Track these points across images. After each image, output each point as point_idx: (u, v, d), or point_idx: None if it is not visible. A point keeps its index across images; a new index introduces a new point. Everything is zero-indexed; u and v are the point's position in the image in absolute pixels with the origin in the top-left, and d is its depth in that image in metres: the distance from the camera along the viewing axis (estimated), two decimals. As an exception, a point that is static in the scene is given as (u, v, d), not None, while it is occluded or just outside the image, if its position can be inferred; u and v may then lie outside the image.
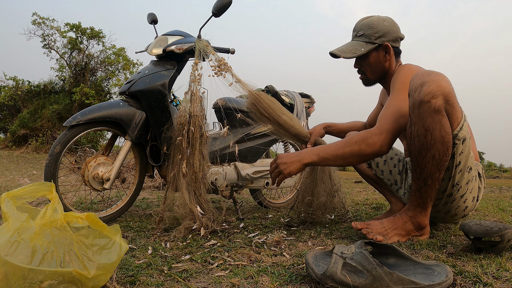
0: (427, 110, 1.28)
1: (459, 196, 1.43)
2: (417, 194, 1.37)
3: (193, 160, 1.69)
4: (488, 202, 2.61)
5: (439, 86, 1.28)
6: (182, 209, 1.63)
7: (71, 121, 1.80)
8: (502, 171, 30.89)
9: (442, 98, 1.27)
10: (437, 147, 1.30)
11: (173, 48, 1.97)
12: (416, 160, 1.35)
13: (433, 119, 1.28)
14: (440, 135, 1.29)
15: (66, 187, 2.94)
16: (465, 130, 1.36)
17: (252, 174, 2.21)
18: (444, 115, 1.29)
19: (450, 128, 1.30)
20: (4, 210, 0.90)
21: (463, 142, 1.35)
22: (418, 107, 1.30)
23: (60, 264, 0.86)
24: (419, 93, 1.30)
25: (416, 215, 1.38)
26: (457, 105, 1.33)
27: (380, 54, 1.63)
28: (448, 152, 1.31)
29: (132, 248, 1.39)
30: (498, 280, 0.98)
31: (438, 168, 1.32)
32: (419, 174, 1.35)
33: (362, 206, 2.48)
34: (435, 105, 1.27)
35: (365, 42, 1.62)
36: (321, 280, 0.97)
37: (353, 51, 1.62)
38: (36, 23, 12.06)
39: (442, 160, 1.31)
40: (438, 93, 1.27)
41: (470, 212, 1.52)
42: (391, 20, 1.64)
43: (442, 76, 1.31)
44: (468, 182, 1.42)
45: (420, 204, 1.37)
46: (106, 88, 12.64)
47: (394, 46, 1.64)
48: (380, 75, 1.69)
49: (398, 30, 1.64)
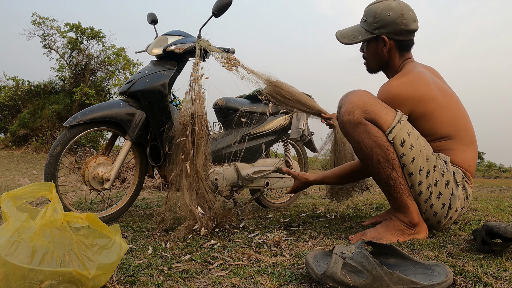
0: (350, 126, 1.40)
1: (423, 201, 1.40)
2: (391, 198, 1.42)
3: (197, 160, 1.69)
4: (488, 202, 2.61)
5: (352, 103, 1.40)
6: (183, 209, 1.63)
7: (71, 121, 1.80)
8: (502, 171, 30.88)
9: (359, 111, 1.38)
10: (376, 151, 1.36)
11: (173, 48, 1.97)
12: (369, 170, 1.44)
13: (358, 131, 1.38)
14: (371, 141, 1.36)
15: (66, 187, 2.94)
16: (399, 132, 1.35)
17: (252, 174, 2.21)
18: (367, 123, 1.37)
19: (379, 131, 1.37)
20: (4, 210, 0.90)
21: (402, 144, 1.35)
22: (343, 128, 1.44)
23: (60, 264, 0.86)
24: (340, 116, 1.45)
25: (403, 215, 1.40)
26: (381, 110, 1.38)
27: (378, 46, 1.56)
28: (389, 151, 1.36)
29: (132, 248, 1.39)
30: (498, 280, 0.98)
31: (391, 167, 1.37)
32: (379, 180, 1.42)
33: (362, 206, 2.48)
34: (353, 119, 1.38)
35: (365, 30, 1.56)
36: (321, 280, 0.97)
37: (351, 37, 1.59)
38: (36, 23, 12.05)
39: (389, 160, 1.36)
40: (353, 109, 1.39)
41: (445, 220, 1.44)
42: (399, 10, 1.49)
43: (356, 93, 1.43)
44: (430, 187, 1.39)
45: (399, 204, 1.39)
46: (106, 88, 12.63)
47: (397, 39, 1.52)
48: (380, 66, 1.64)
49: (405, 22, 1.49)
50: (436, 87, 1.48)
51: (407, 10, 1.51)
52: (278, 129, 2.36)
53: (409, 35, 1.54)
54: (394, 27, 1.50)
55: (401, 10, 1.50)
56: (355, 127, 1.38)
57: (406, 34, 1.52)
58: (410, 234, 1.39)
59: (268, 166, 2.31)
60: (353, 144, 1.42)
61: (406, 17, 1.50)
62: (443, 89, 1.51)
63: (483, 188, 5.21)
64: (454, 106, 1.49)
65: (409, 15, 1.51)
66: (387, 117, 1.37)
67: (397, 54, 1.57)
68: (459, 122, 1.48)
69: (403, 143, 1.35)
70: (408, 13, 1.50)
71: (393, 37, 1.52)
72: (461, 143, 1.47)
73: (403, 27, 1.50)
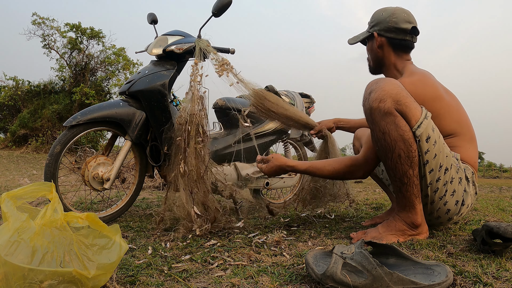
0: (378, 114, 1.35)
1: (438, 198, 1.41)
2: (400, 195, 1.41)
3: (191, 160, 1.69)
4: (488, 202, 2.61)
5: (384, 91, 1.35)
6: (181, 210, 1.63)
7: (71, 121, 1.80)
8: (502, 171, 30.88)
9: (391, 100, 1.33)
10: (399, 146, 1.33)
11: (173, 48, 1.97)
12: (386, 163, 1.40)
13: (386, 121, 1.34)
14: (397, 134, 1.33)
15: (66, 187, 2.94)
16: (426, 128, 1.35)
17: (252, 174, 2.21)
18: (397, 115, 1.33)
19: (407, 125, 1.34)
20: (4, 210, 0.90)
21: (427, 140, 1.35)
22: (370, 114, 1.38)
23: (60, 264, 0.86)
24: (368, 101, 1.38)
25: (407, 215, 1.40)
26: (411, 103, 1.36)
27: (373, 43, 1.65)
28: (412, 148, 1.34)
29: (132, 248, 1.39)
30: (498, 280, 0.98)
31: (410, 165, 1.35)
32: (394, 175, 1.39)
33: (362, 206, 2.48)
34: (384, 108, 1.33)
35: (366, 31, 1.69)
36: (321, 280, 0.97)
37: (355, 38, 1.72)
38: (36, 23, 12.05)
39: (409, 157, 1.34)
40: (385, 97, 1.34)
41: (456, 216, 1.48)
42: (392, 11, 1.59)
43: (388, 81, 1.39)
44: (446, 184, 1.40)
45: (406, 203, 1.39)
46: (106, 88, 12.63)
47: (388, 36, 1.59)
48: (377, 64, 1.69)
49: (395, 20, 1.57)
50: (441, 87, 1.55)
51: (401, 12, 1.59)
52: (278, 129, 2.36)
53: (401, 34, 1.59)
54: (384, 24, 1.60)
55: (394, 11, 1.60)
56: (384, 116, 1.34)
57: (396, 32, 1.58)
58: (411, 235, 1.40)
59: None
60: (377, 133, 1.37)
61: (396, 16, 1.58)
62: (446, 89, 1.59)
63: (483, 188, 5.21)
64: (455, 105, 1.55)
65: (401, 16, 1.58)
66: (416, 112, 1.36)
67: (391, 52, 1.62)
68: (462, 119, 1.53)
69: (428, 139, 1.35)
70: (401, 14, 1.58)
71: (383, 34, 1.60)
72: (465, 140, 1.51)
73: (392, 24, 1.58)
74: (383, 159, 1.41)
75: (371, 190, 4.25)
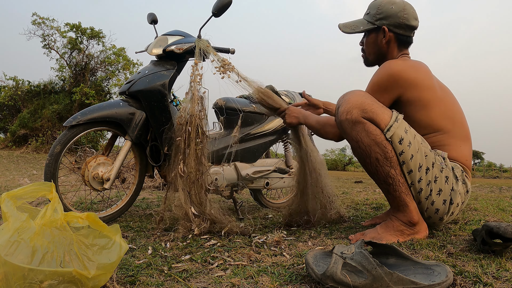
0: (348, 125, 1.41)
1: (424, 198, 1.41)
2: (390, 197, 1.42)
3: (190, 160, 1.69)
4: (488, 202, 2.61)
5: (350, 103, 1.41)
6: (179, 210, 1.64)
7: (71, 121, 1.80)
8: (502, 171, 30.88)
9: (357, 110, 1.39)
10: (374, 150, 1.37)
11: (173, 48, 1.97)
12: (368, 169, 1.44)
13: (356, 130, 1.39)
14: (369, 139, 1.37)
15: (66, 187, 2.94)
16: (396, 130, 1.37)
17: (252, 174, 2.21)
18: (366, 122, 1.38)
19: (377, 129, 1.38)
20: (4, 210, 0.90)
21: (400, 142, 1.37)
22: (341, 127, 1.45)
23: (60, 264, 0.86)
24: (338, 116, 1.45)
25: (402, 214, 1.40)
26: (378, 109, 1.40)
27: (378, 36, 1.61)
28: (387, 149, 1.37)
29: (132, 248, 1.39)
30: (498, 280, 0.98)
31: (390, 165, 1.37)
32: (378, 179, 1.42)
33: (362, 206, 2.48)
34: (351, 118, 1.40)
35: (367, 21, 1.63)
36: (321, 280, 0.97)
37: (353, 27, 1.66)
38: (36, 23, 12.05)
39: (387, 158, 1.37)
40: (351, 108, 1.40)
41: (447, 216, 1.46)
42: (402, 5, 1.56)
43: (353, 93, 1.45)
44: (430, 183, 1.40)
45: (398, 203, 1.40)
46: (106, 88, 12.62)
47: (397, 32, 1.57)
48: (377, 58, 1.67)
49: (406, 16, 1.55)
50: (435, 80, 1.55)
51: (410, 7, 1.58)
52: (278, 129, 2.36)
53: (409, 31, 1.59)
54: (395, 20, 1.56)
55: (404, 6, 1.57)
56: (354, 126, 1.39)
57: (406, 28, 1.58)
58: (410, 234, 1.40)
59: (268, 166, 2.31)
60: (352, 143, 1.43)
61: (407, 12, 1.56)
62: (441, 84, 1.58)
63: (483, 188, 5.21)
64: (450, 101, 1.54)
65: (411, 12, 1.57)
66: (385, 116, 1.39)
67: (395, 47, 1.61)
68: (456, 116, 1.52)
69: (401, 140, 1.37)
70: (410, 10, 1.57)
71: (393, 29, 1.58)
72: (457, 138, 1.50)
73: (404, 21, 1.56)
74: (364, 167, 1.45)
75: (371, 190, 4.25)
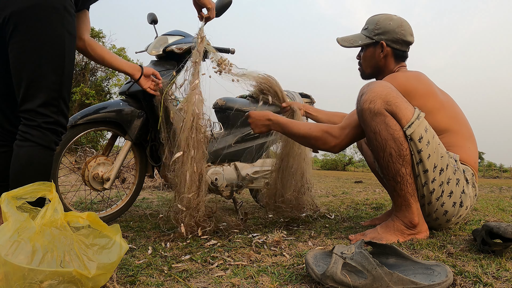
0: (369, 115, 1.39)
1: (435, 199, 1.42)
2: (395, 194, 1.42)
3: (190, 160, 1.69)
4: (488, 202, 2.61)
5: (374, 92, 1.39)
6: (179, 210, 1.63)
7: (71, 121, 1.80)
8: (502, 171, 30.88)
9: (381, 101, 1.37)
10: (390, 144, 1.36)
11: (173, 48, 1.97)
12: (379, 163, 1.43)
13: (376, 121, 1.38)
14: (387, 133, 1.36)
15: (66, 187, 2.94)
16: (417, 128, 1.37)
17: (252, 174, 2.21)
18: (387, 115, 1.37)
19: (397, 125, 1.37)
20: (4, 210, 0.90)
21: (420, 140, 1.37)
22: (362, 115, 1.42)
23: (60, 264, 0.86)
24: (359, 103, 1.42)
25: (404, 214, 1.40)
26: (402, 104, 1.39)
27: (376, 51, 1.66)
28: (402, 146, 1.36)
29: (132, 248, 1.39)
30: (498, 280, 0.98)
31: (401, 163, 1.37)
32: (387, 174, 1.41)
33: (362, 206, 2.48)
34: (374, 109, 1.37)
35: (365, 36, 1.68)
36: (321, 280, 0.97)
37: (351, 42, 1.70)
38: (36, 23, 12.04)
39: (401, 155, 1.36)
40: (375, 98, 1.38)
41: (454, 218, 1.48)
42: (399, 22, 1.63)
43: (379, 83, 1.43)
44: (442, 185, 1.41)
45: (402, 203, 1.40)
46: (106, 88, 12.64)
47: (394, 47, 1.63)
48: (374, 71, 1.71)
49: (403, 32, 1.62)
50: (435, 86, 1.58)
51: (406, 24, 1.65)
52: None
53: (405, 46, 1.65)
54: (392, 35, 1.63)
55: (401, 22, 1.64)
56: (374, 117, 1.38)
57: (402, 44, 1.64)
58: (410, 234, 1.40)
59: (268, 166, 2.31)
60: (369, 133, 1.41)
61: (404, 28, 1.63)
62: (440, 89, 1.62)
63: (483, 188, 5.21)
64: (452, 104, 1.58)
65: (407, 28, 1.64)
66: (407, 112, 1.38)
67: (392, 61, 1.67)
68: (458, 116, 1.56)
69: (421, 139, 1.37)
70: (407, 26, 1.64)
71: (390, 44, 1.64)
72: (464, 138, 1.53)
73: (401, 37, 1.63)
74: (376, 159, 1.44)
75: (371, 190, 4.25)
